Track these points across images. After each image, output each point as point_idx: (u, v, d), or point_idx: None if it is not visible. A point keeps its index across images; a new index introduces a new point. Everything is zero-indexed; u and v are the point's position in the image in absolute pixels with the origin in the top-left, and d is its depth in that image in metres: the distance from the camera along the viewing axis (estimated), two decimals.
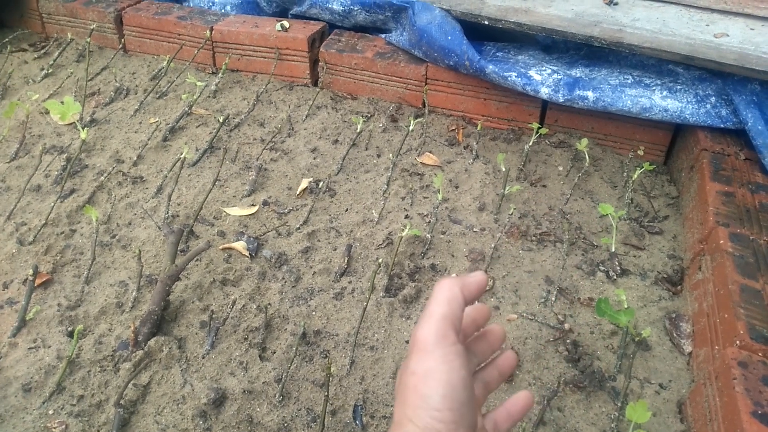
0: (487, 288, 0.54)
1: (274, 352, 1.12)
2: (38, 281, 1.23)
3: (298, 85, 1.91)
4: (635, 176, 1.48)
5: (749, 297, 1.04)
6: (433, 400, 0.45)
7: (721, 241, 1.16)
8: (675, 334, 1.14)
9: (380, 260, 1.23)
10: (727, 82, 1.43)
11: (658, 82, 1.51)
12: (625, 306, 1.06)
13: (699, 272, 1.20)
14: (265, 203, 1.46)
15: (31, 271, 1.16)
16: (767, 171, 1.36)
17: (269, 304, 1.20)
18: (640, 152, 1.60)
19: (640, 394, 1.05)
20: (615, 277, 1.27)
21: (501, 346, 0.58)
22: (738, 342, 0.97)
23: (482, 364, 0.57)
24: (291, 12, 2.01)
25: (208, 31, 1.91)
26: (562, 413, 1.02)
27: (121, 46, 2.06)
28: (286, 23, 1.89)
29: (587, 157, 1.55)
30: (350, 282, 1.26)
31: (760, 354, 0.95)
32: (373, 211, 1.43)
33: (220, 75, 1.89)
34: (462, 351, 0.47)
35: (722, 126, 1.45)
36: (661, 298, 1.23)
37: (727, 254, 1.13)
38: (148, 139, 1.64)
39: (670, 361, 1.11)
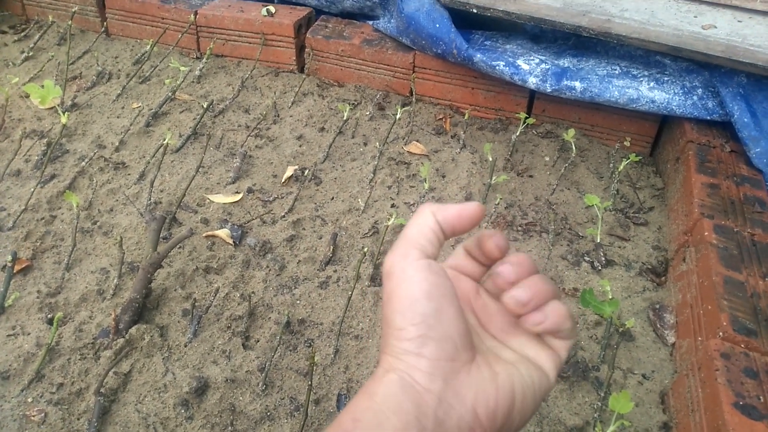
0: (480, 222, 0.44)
1: (258, 341, 1.11)
2: (17, 267, 1.20)
3: (283, 72, 1.89)
4: (621, 167, 1.48)
5: (733, 289, 1.04)
6: (394, 321, 0.42)
7: (706, 233, 1.16)
8: (658, 325, 1.15)
9: (366, 249, 1.22)
10: (714, 74, 1.43)
11: (646, 73, 1.51)
12: (610, 297, 1.06)
13: (683, 263, 1.21)
14: (249, 191, 1.44)
15: (10, 257, 1.14)
16: (752, 163, 1.37)
17: (253, 292, 1.19)
18: (627, 143, 1.60)
19: (623, 385, 1.06)
20: (600, 268, 1.27)
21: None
22: (721, 333, 0.97)
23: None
24: None
25: (192, 15, 1.88)
26: (546, 403, 1.02)
27: (103, 29, 2.03)
28: (272, 8, 1.87)
29: (574, 148, 1.55)
30: (335, 271, 1.25)
31: (742, 345, 0.96)
32: (359, 200, 1.42)
33: (204, 60, 1.86)
34: (426, 264, 0.43)
35: (708, 118, 1.45)
36: (645, 289, 1.24)
37: (711, 246, 1.13)
38: (131, 125, 1.61)
39: (654, 352, 1.11)
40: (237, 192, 1.43)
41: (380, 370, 0.42)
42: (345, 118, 1.65)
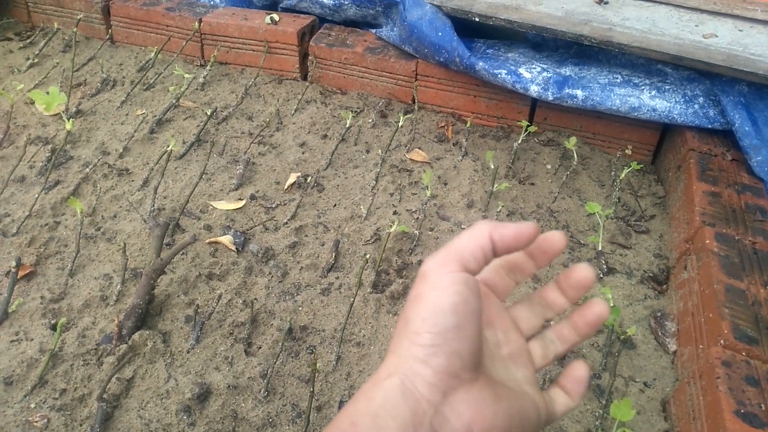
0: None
1: (260, 348, 1.12)
2: (21, 273, 1.21)
3: (287, 79, 1.90)
4: (623, 175, 1.49)
5: (734, 297, 1.05)
6: (414, 323, 0.42)
7: (707, 241, 1.17)
8: (660, 333, 1.15)
9: (368, 256, 1.22)
10: (715, 83, 1.44)
11: (647, 81, 1.52)
12: (611, 304, 1.06)
13: (684, 272, 1.21)
14: (252, 197, 1.45)
15: (14, 263, 1.14)
16: (753, 172, 1.37)
17: (255, 299, 1.20)
18: (628, 151, 1.60)
19: (624, 392, 1.06)
20: (601, 276, 1.28)
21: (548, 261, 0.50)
22: (722, 341, 0.97)
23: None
24: (281, 5, 2.00)
25: (196, 23, 1.89)
26: None
27: (108, 36, 2.04)
28: (275, 16, 1.88)
29: (575, 156, 1.56)
30: (337, 278, 1.26)
31: (743, 353, 0.96)
32: (362, 207, 1.43)
33: (208, 67, 1.87)
34: (462, 278, 0.43)
35: (710, 126, 1.45)
36: (647, 297, 1.24)
37: (712, 254, 1.14)
38: (135, 131, 1.62)
39: (655, 360, 1.11)
40: (240, 199, 1.44)
41: (383, 371, 0.42)
42: (348, 125, 1.66)
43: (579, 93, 1.51)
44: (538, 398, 0.47)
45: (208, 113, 1.64)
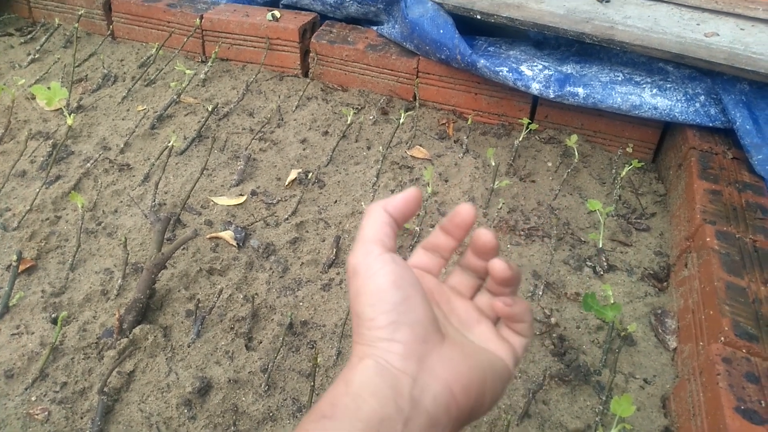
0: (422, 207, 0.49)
1: (261, 342, 1.12)
2: (22, 267, 1.21)
3: (288, 76, 1.90)
4: (624, 173, 1.49)
5: (734, 294, 1.05)
6: (365, 314, 0.43)
7: (708, 239, 1.17)
8: (660, 330, 1.15)
9: None
10: (717, 82, 1.44)
11: (648, 80, 1.52)
12: (612, 301, 1.06)
13: (685, 269, 1.21)
14: (253, 193, 1.45)
15: (14, 257, 1.14)
16: (754, 170, 1.37)
17: (256, 294, 1.20)
18: (629, 149, 1.60)
19: (624, 389, 1.06)
20: (602, 273, 1.28)
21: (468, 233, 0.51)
22: (723, 338, 0.98)
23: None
24: (282, 2, 2.00)
25: (197, 20, 1.89)
26: (547, 406, 1.03)
27: (109, 32, 2.04)
28: (277, 13, 1.88)
29: (576, 154, 1.56)
30: (338, 273, 1.26)
31: (744, 350, 0.96)
32: (362, 203, 1.43)
33: (209, 64, 1.87)
34: (390, 258, 0.45)
35: (711, 125, 1.46)
36: (647, 294, 1.24)
37: (713, 252, 1.14)
38: (136, 127, 1.62)
39: (655, 357, 1.12)
40: (241, 194, 1.44)
41: (354, 358, 0.44)
42: (349, 122, 1.66)
43: (580, 91, 1.51)
44: (501, 350, 0.49)
45: (209, 109, 1.64)
